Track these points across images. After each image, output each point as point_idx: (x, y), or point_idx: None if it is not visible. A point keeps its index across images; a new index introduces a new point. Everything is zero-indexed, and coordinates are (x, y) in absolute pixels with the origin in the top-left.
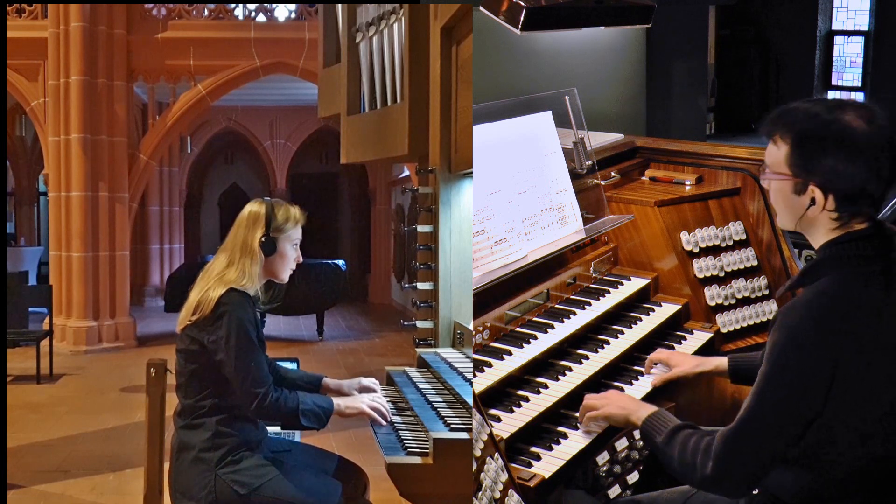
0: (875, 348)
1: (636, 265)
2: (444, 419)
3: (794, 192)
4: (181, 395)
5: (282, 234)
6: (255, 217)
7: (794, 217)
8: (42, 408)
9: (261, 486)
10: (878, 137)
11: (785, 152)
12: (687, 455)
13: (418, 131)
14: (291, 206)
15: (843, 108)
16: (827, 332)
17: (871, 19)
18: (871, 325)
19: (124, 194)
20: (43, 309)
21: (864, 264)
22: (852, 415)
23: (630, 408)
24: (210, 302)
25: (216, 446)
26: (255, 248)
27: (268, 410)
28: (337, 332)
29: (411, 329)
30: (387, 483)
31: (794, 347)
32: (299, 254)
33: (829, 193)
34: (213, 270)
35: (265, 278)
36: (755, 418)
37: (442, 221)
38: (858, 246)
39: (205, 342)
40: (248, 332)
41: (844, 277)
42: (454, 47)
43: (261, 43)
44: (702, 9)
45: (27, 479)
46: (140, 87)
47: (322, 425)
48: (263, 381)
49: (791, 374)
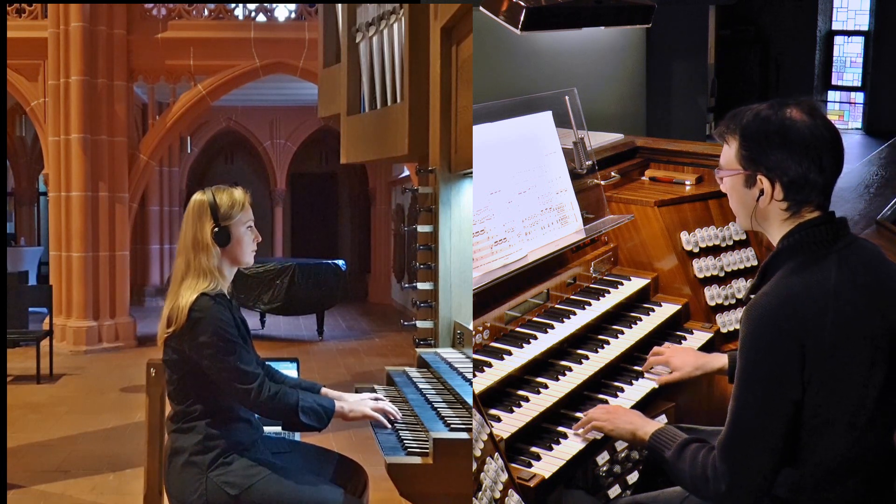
0: (836, 329)
1: (636, 265)
2: (444, 419)
3: (745, 186)
4: (172, 402)
5: (231, 220)
6: (199, 210)
7: (748, 212)
8: (42, 408)
9: (251, 486)
10: (817, 129)
11: (735, 148)
12: (697, 469)
13: (418, 131)
14: (234, 188)
15: (786, 105)
16: (786, 323)
17: (871, 19)
18: (828, 308)
19: (124, 194)
20: (43, 309)
21: (816, 249)
22: (832, 400)
23: (637, 423)
24: (182, 311)
25: (207, 449)
26: (208, 241)
27: (265, 405)
28: (337, 332)
29: (411, 329)
30: (387, 483)
31: (757, 342)
32: (256, 233)
33: (776, 182)
34: (177, 277)
35: (232, 267)
36: (740, 419)
37: (442, 221)
38: (810, 233)
39: (186, 351)
40: (226, 333)
41: (799, 264)
42: (454, 47)
43: (261, 43)
44: (702, 9)
45: (27, 479)
46: (140, 87)
47: (323, 425)
48: (252, 377)
49: (762, 365)
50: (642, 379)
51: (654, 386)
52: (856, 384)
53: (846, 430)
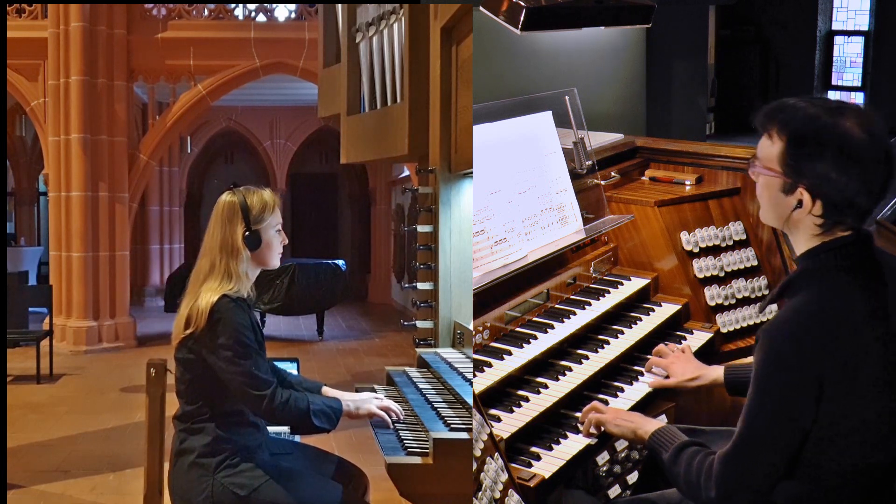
0: (859, 359)
1: (636, 265)
2: (444, 419)
3: (781, 191)
4: (181, 401)
5: (263, 223)
6: (229, 212)
7: (778, 215)
8: (42, 408)
9: (259, 486)
10: (876, 149)
11: (779, 149)
12: (692, 474)
13: (418, 131)
14: (262, 190)
15: (843, 112)
16: (809, 350)
17: (871, 19)
18: (852, 337)
19: (124, 194)
20: (43, 309)
21: (842, 276)
22: (844, 424)
23: (637, 422)
24: (202, 313)
25: (215, 451)
26: (239, 245)
27: (278, 412)
28: (337, 332)
29: (411, 329)
30: (387, 483)
31: (778, 369)
32: (284, 235)
33: (818, 199)
34: (198, 277)
35: (256, 269)
36: (749, 439)
37: (442, 221)
38: (837, 255)
39: (203, 353)
40: (246, 337)
41: (823, 291)
42: (454, 47)
43: (261, 43)
44: (702, 9)
45: (27, 479)
46: (140, 87)
47: (333, 426)
48: (267, 384)
49: (777, 396)
50: (642, 379)
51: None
52: (870, 409)
53: (854, 449)
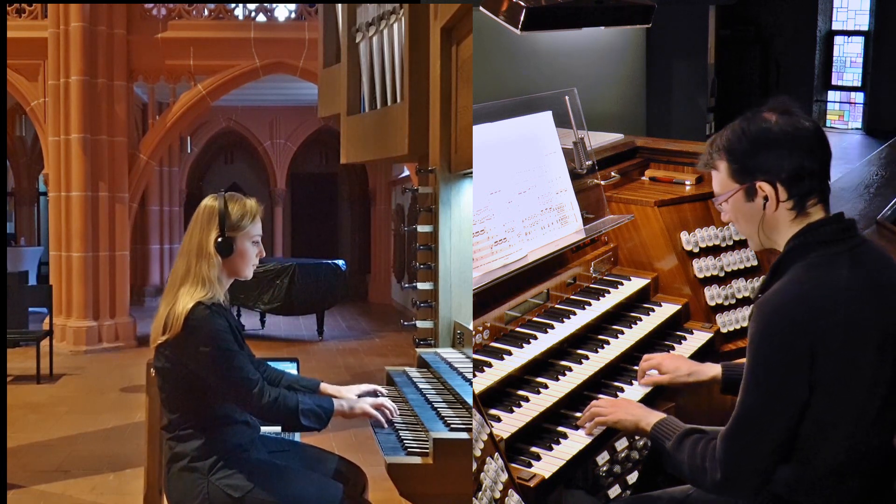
0: (848, 328)
1: (636, 265)
2: (444, 419)
3: (747, 201)
4: (165, 410)
5: (239, 231)
6: (208, 216)
7: (755, 223)
8: (42, 408)
9: (254, 487)
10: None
11: (724, 169)
12: (696, 459)
13: (418, 131)
14: (248, 198)
15: (759, 112)
16: (798, 319)
17: (871, 19)
18: (840, 306)
19: (124, 194)
20: (43, 309)
21: (827, 247)
22: (839, 401)
23: (639, 414)
24: (178, 319)
25: (206, 455)
26: (211, 251)
27: (267, 410)
28: (337, 332)
29: (411, 329)
30: (387, 483)
31: (769, 338)
32: (261, 248)
33: (776, 182)
34: (175, 280)
35: (229, 278)
36: (747, 414)
37: (442, 221)
38: (820, 232)
39: (183, 360)
40: (224, 342)
41: (810, 262)
42: (454, 47)
43: (261, 43)
44: (702, 9)
45: (27, 479)
46: (140, 87)
47: (323, 426)
48: (252, 383)
49: (771, 366)
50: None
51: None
52: (863, 385)
53: (850, 431)
